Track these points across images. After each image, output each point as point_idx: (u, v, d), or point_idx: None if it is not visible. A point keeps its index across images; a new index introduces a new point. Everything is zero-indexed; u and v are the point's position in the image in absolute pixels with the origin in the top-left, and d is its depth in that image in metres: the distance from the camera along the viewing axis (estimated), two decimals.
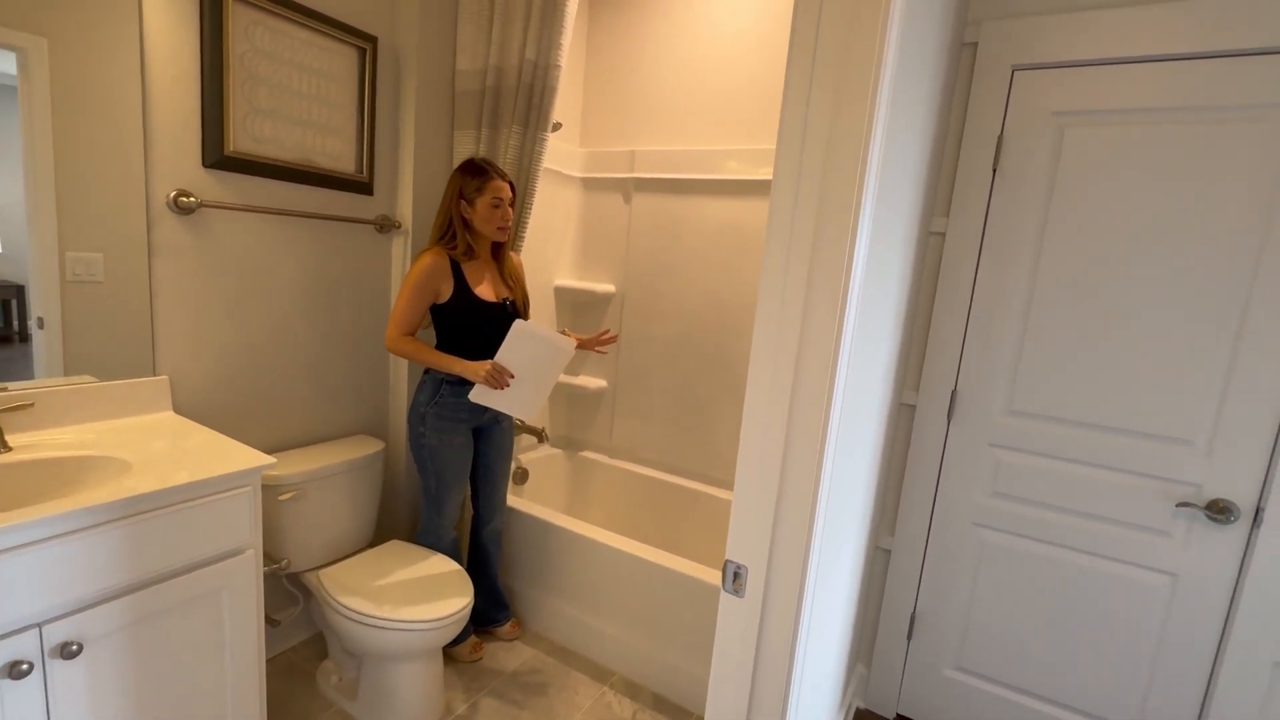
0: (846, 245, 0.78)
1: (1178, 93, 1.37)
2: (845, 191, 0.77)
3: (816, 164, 0.79)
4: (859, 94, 0.75)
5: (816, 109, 0.78)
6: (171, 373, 1.52)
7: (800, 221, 0.80)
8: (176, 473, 1.14)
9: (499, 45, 1.87)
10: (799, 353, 0.82)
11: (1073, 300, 1.52)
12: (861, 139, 0.76)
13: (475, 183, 1.67)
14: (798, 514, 0.85)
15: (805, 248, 0.80)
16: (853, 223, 0.78)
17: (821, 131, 0.78)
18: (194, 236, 1.52)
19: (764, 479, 0.86)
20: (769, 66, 2.16)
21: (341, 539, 1.80)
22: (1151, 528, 1.49)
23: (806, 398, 0.82)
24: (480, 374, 1.61)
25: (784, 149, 0.81)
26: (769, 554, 0.87)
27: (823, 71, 0.77)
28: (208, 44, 1.47)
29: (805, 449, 0.83)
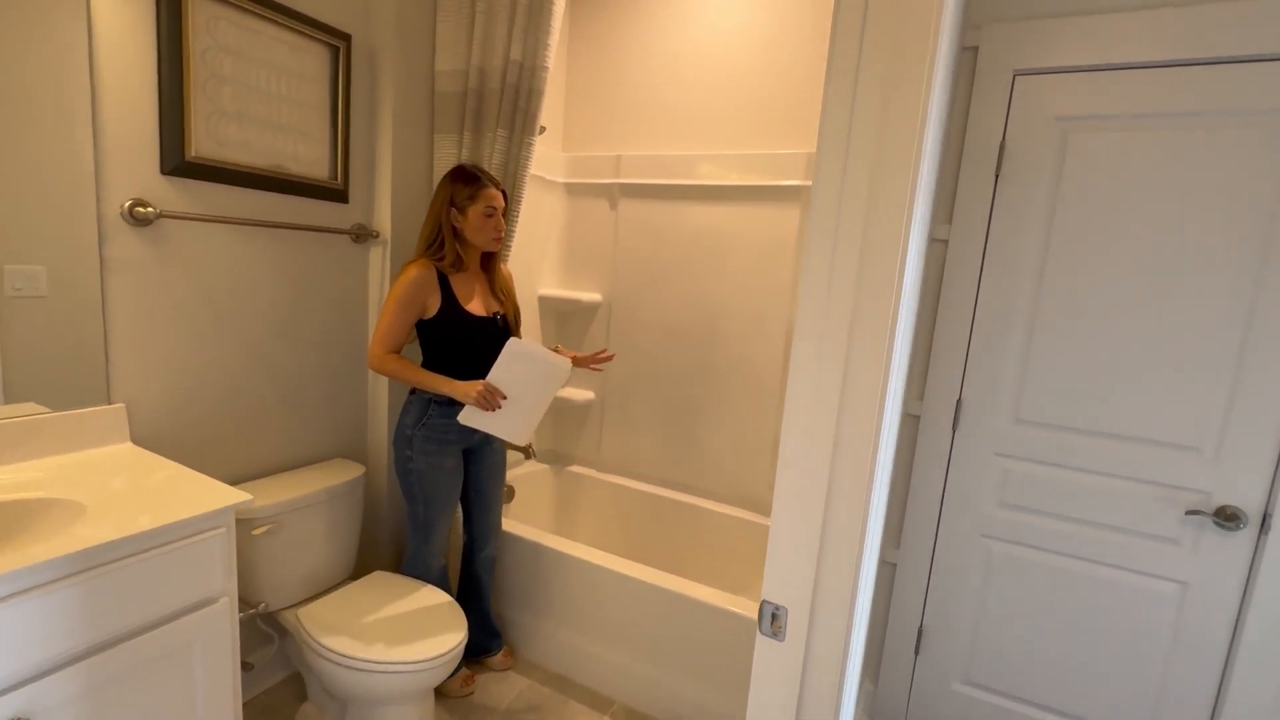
0: (898, 253, 0.72)
1: (1181, 98, 1.37)
2: (897, 192, 0.71)
3: (864, 165, 0.72)
4: (911, 87, 0.69)
5: (863, 104, 0.72)
6: (129, 399, 1.38)
7: (846, 229, 0.74)
8: (138, 517, 1.01)
9: (482, 45, 1.78)
10: (845, 372, 0.75)
11: (1078, 307, 1.50)
12: (914, 137, 0.70)
13: (467, 190, 1.58)
14: (844, 549, 0.78)
15: (851, 259, 0.74)
16: (904, 230, 0.72)
17: (869, 130, 0.72)
18: (152, 249, 1.39)
19: (806, 511, 0.80)
20: (760, 67, 2.11)
21: (321, 572, 1.67)
22: (1160, 536, 1.48)
23: (853, 421, 0.76)
24: (471, 395, 1.51)
25: (826, 150, 0.74)
26: (812, 594, 0.80)
27: (870, 66, 0.71)
28: (165, 39, 1.34)
29: (852, 477, 0.77)
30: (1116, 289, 1.46)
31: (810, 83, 2.04)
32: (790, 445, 0.80)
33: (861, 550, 0.78)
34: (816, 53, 2.02)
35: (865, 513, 0.77)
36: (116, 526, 0.98)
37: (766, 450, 2.22)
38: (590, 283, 2.49)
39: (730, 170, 2.17)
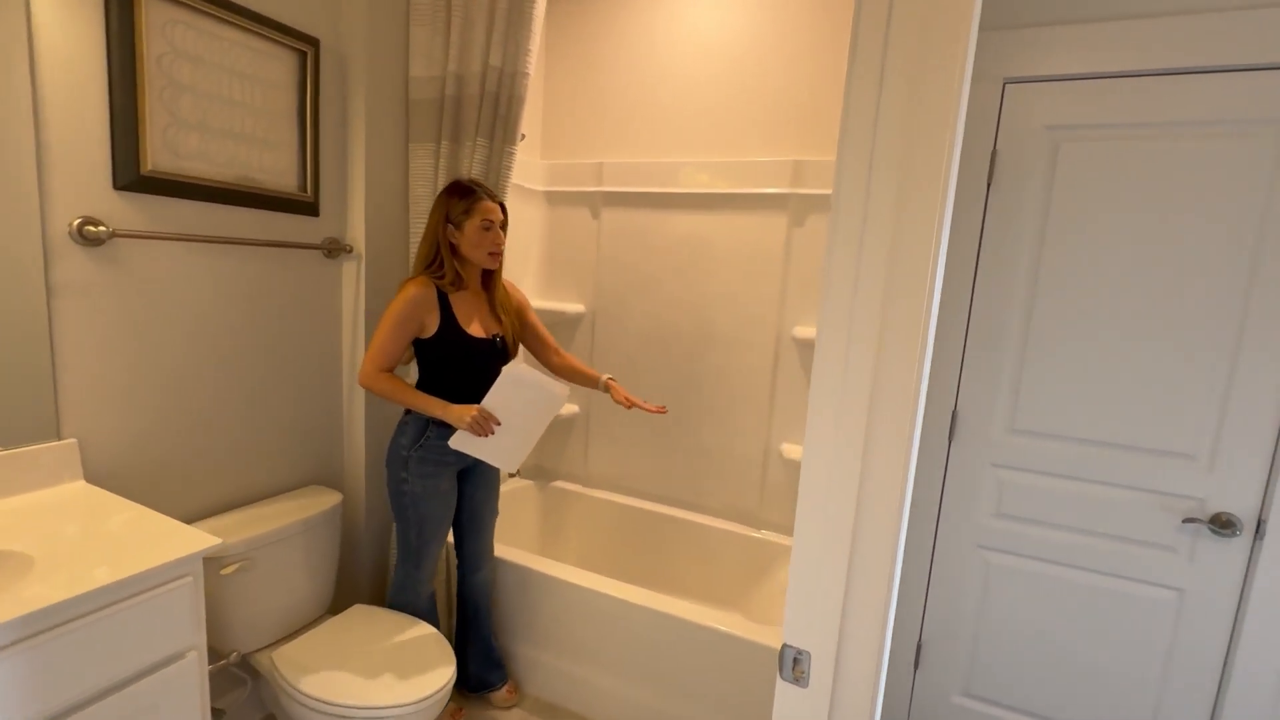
0: (929, 262, 0.68)
1: (1172, 107, 1.37)
2: (928, 198, 0.67)
3: (890, 173, 0.68)
4: (943, 82, 0.65)
5: (889, 104, 0.67)
6: (81, 434, 1.27)
7: (872, 238, 0.69)
8: (94, 569, 0.92)
9: (459, 50, 1.71)
10: (872, 397, 0.71)
11: (1072, 316, 1.49)
12: (946, 135, 0.66)
13: (462, 204, 1.51)
14: (873, 590, 0.74)
15: (878, 274, 0.69)
16: (935, 242, 0.68)
17: (894, 126, 0.67)
18: (105, 271, 1.28)
19: (831, 547, 0.75)
20: (744, 73, 2.08)
21: (297, 610, 1.58)
22: (1157, 543, 1.48)
23: (882, 450, 0.71)
24: (465, 420, 1.45)
25: (849, 156, 0.70)
26: (838, 637, 0.76)
27: (896, 59, 0.67)
28: (116, 44, 1.24)
29: (881, 511, 0.72)
30: (1109, 298, 1.46)
31: (795, 89, 2.01)
32: (812, 477, 0.76)
33: (891, 591, 0.73)
34: (802, 58, 1.99)
35: (895, 551, 0.72)
36: (69, 582, 0.88)
37: (757, 461, 2.18)
38: (573, 293, 2.43)
39: (715, 178, 2.13)
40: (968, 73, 0.67)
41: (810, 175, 1.99)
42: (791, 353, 2.10)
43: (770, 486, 2.18)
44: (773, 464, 2.16)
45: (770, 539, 2.14)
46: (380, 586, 1.95)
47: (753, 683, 1.59)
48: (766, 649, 1.55)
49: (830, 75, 1.97)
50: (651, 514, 2.32)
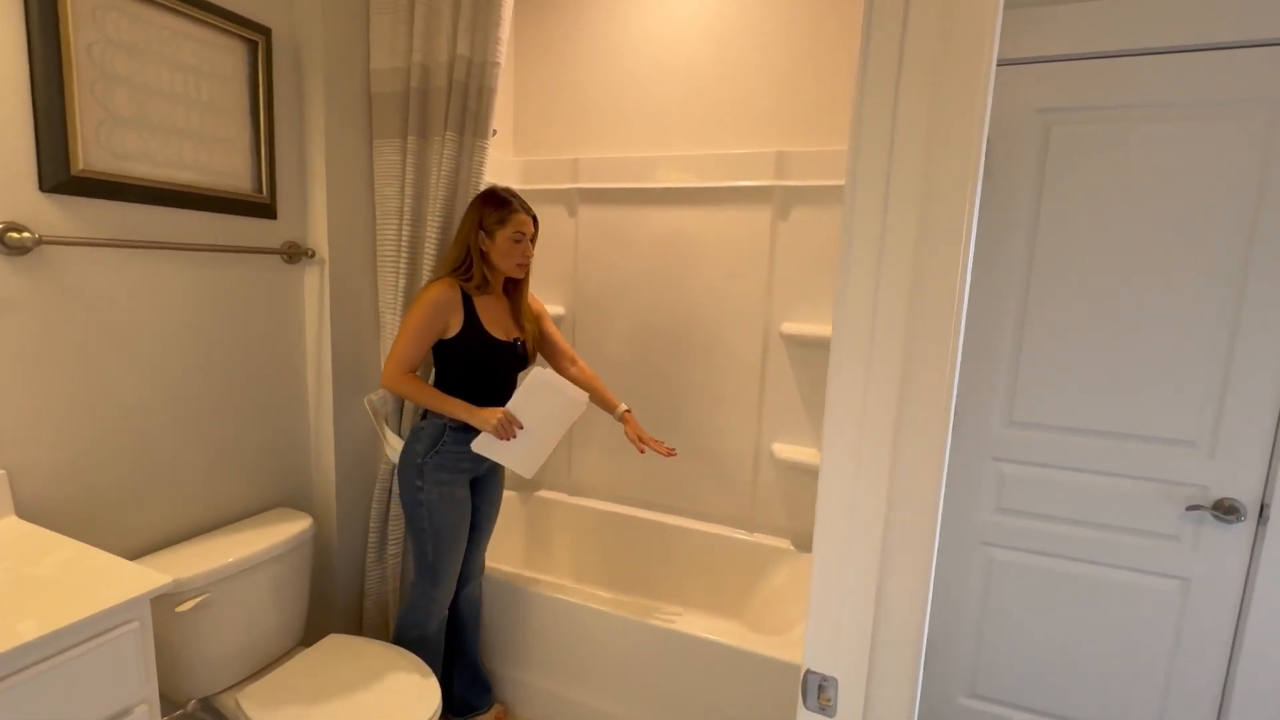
0: (960, 252, 0.61)
1: (1165, 87, 1.34)
2: (958, 185, 0.61)
3: (916, 162, 0.61)
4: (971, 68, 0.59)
5: (910, 85, 0.61)
6: (10, 465, 1.14)
7: (896, 228, 0.63)
8: (18, 622, 0.80)
9: (424, 39, 1.61)
10: (900, 393, 0.64)
11: (1068, 304, 1.46)
12: (975, 122, 0.60)
13: (496, 214, 1.49)
14: (907, 606, 0.67)
15: (903, 263, 0.63)
16: (966, 224, 0.61)
17: (919, 118, 0.61)
18: (33, 283, 1.15)
19: (858, 563, 0.68)
20: (724, 62, 2.01)
21: (264, 644, 1.46)
22: (1160, 533, 1.45)
23: (912, 455, 0.65)
24: (491, 422, 1.44)
25: (866, 145, 0.63)
26: (869, 661, 0.69)
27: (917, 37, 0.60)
28: (37, 32, 1.12)
29: (914, 520, 0.66)
30: (1105, 283, 1.43)
31: (776, 78, 1.96)
32: (833, 488, 0.69)
33: (926, 610, 0.66)
34: (783, 46, 1.94)
35: (929, 566, 0.66)
36: None
37: (747, 462, 2.12)
38: (551, 295, 2.33)
39: (695, 172, 2.06)
40: (995, 45, 0.61)
41: (794, 166, 1.94)
42: (780, 350, 2.04)
43: (762, 488, 2.12)
44: (764, 464, 2.10)
45: (764, 541, 2.08)
46: (356, 613, 1.83)
47: (757, 698, 1.52)
48: (771, 661, 1.48)
49: (813, 63, 1.91)
50: (640, 521, 2.24)
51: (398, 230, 1.69)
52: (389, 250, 1.70)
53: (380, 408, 1.72)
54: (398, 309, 1.69)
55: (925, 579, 0.66)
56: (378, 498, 1.77)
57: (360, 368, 1.76)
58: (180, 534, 1.43)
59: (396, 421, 1.73)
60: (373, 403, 1.73)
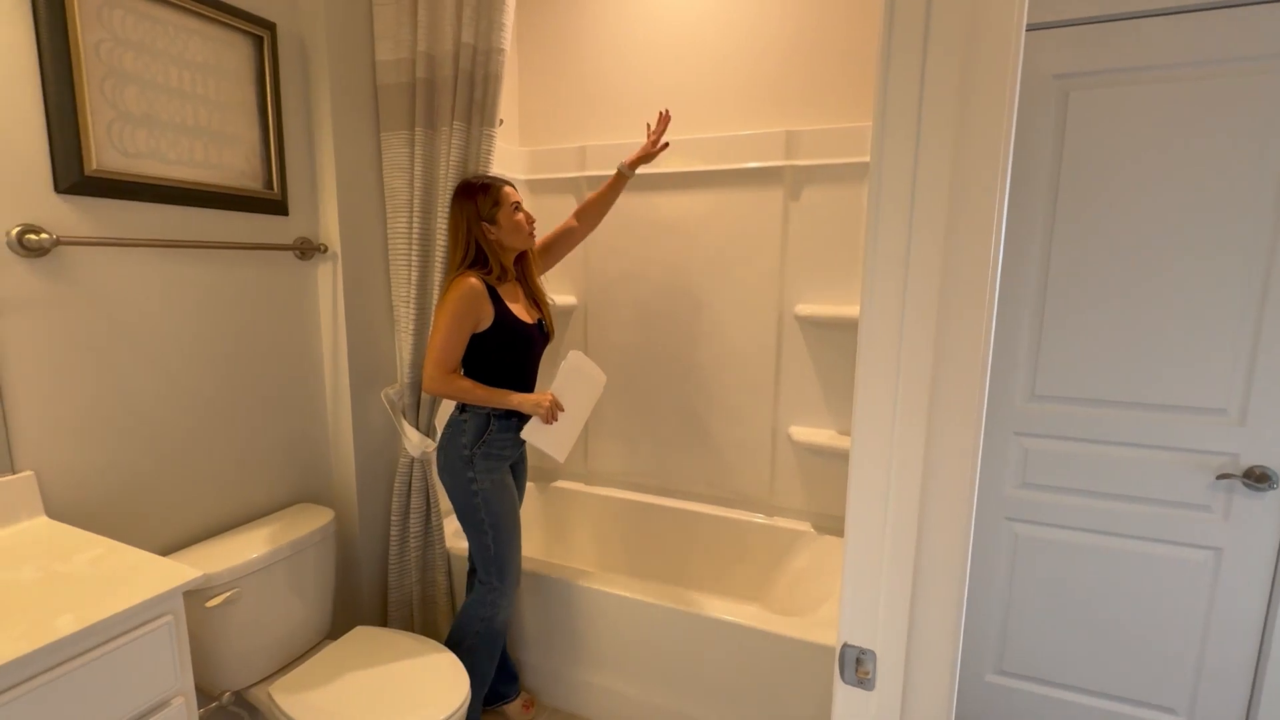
0: (994, 220, 0.60)
1: (1185, 46, 1.30)
2: (989, 156, 0.59)
3: (946, 134, 0.60)
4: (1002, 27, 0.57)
5: (937, 61, 0.59)
6: (38, 465, 1.15)
7: (925, 205, 0.62)
8: (57, 617, 0.81)
9: (428, 29, 1.59)
10: (934, 369, 0.63)
11: (1090, 274, 1.43)
12: (1005, 93, 0.58)
13: (488, 199, 1.50)
14: (945, 577, 0.66)
15: (935, 236, 0.62)
16: (998, 196, 0.60)
17: (947, 82, 0.59)
18: (52, 284, 1.16)
19: (894, 535, 0.67)
20: (730, 43, 1.98)
21: (293, 638, 1.47)
22: (1190, 503, 1.43)
23: (948, 427, 0.64)
24: (544, 406, 1.46)
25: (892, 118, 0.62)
26: (907, 633, 0.68)
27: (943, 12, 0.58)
28: (46, 32, 1.11)
29: (950, 492, 0.65)
30: (1127, 251, 1.40)
31: (783, 57, 1.93)
32: (867, 463, 0.68)
33: (964, 580, 0.65)
34: (788, 25, 1.91)
35: (967, 536, 0.65)
36: (27, 635, 0.78)
37: (765, 446, 2.11)
38: (562, 284, 2.33)
39: (704, 155, 2.04)
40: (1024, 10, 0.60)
41: (805, 145, 1.91)
42: (794, 331, 2.02)
43: (780, 471, 2.11)
44: (781, 448, 2.09)
45: (784, 525, 2.07)
46: (381, 605, 1.85)
47: (783, 679, 1.51)
48: (797, 643, 1.48)
49: (819, 40, 1.88)
50: (659, 508, 2.24)
51: (408, 222, 1.68)
52: (400, 243, 1.69)
53: (397, 401, 1.73)
54: (411, 301, 1.68)
55: (963, 550, 0.65)
56: (398, 490, 1.77)
57: (376, 361, 1.76)
58: (205, 531, 1.44)
59: (414, 415, 1.73)
60: (390, 396, 1.73)
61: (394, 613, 1.80)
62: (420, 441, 1.71)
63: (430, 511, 1.80)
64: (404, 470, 1.76)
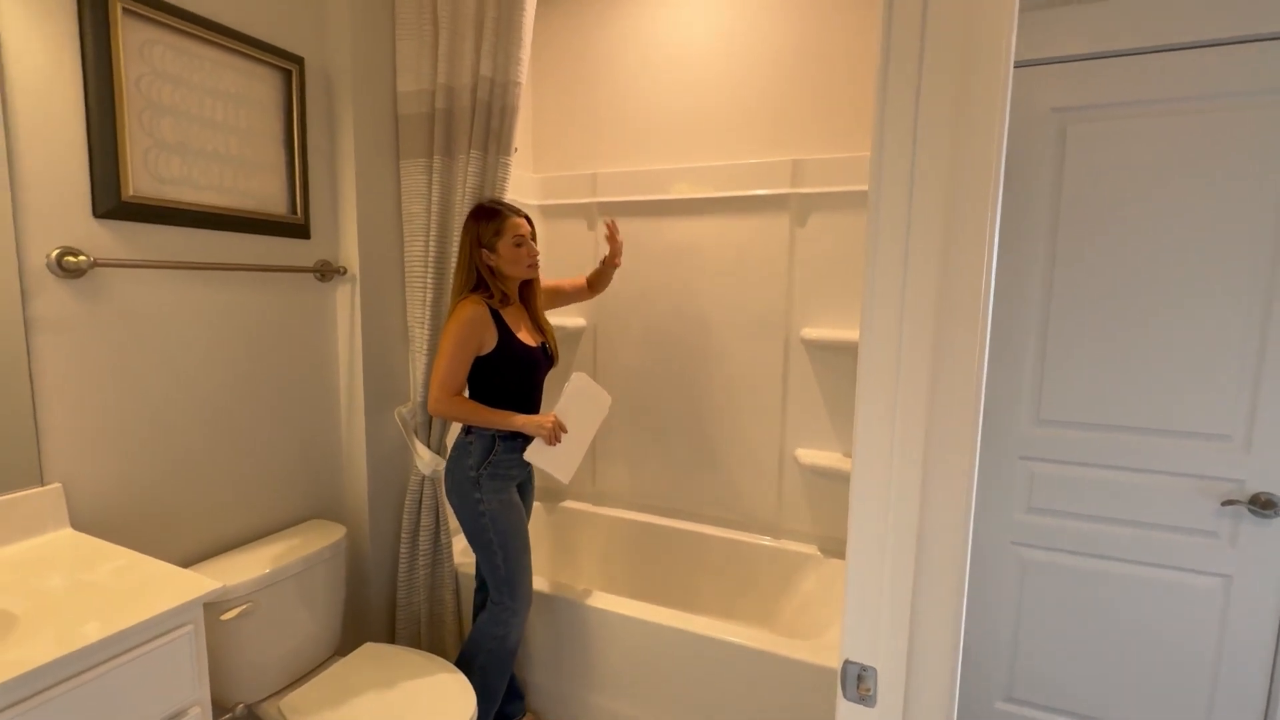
0: (985, 249, 0.63)
1: (1183, 81, 1.34)
2: (979, 186, 0.63)
3: (940, 161, 0.64)
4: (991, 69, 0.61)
5: (931, 91, 0.63)
6: (66, 478, 1.19)
7: (920, 233, 0.65)
8: (83, 624, 0.84)
9: (448, 62, 1.67)
10: (930, 392, 0.66)
11: (1092, 300, 1.46)
12: (996, 117, 0.62)
13: (491, 226, 1.53)
14: (943, 594, 0.68)
15: (929, 261, 0.65)
16: (989, 225, 0.63)
17: (939, 115, 0.63)
18: (87, 304, 1.21)
19: (894, 553, 0.69)
20: (736, 76, 2.05)
21: (304, 653, 1.49)
22: (1197, 529, 1.43)
23: (944, 444, 0.66)
24: (546, 428, 1.48)
25: (889, 147, 0.66)
26: (908, 649, 0.69)
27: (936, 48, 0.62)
28: (92, 67, 1.19)
29: (947, 510, 0.67)
30: (1129, 279, 1.42)
31: (789, 88, 1.99)
32: (867, 481, 0.70)
33: (963, 596, 0.67)
34: (793, 57, 1.97)
35: (964, 552, 0.67)
36: (58, 640, 0.81)
37: (772, 468, 2.12)
38: (573, 307, 2.37)
39: (712, 182, 2.09)
40: (1012, 48, 0.64)
41: (810, 174, 1.96)
42: (801, 355, 2.05)
43: (787, 494, 2.12)
44: (788, 470, 2.10)
45: (791, 548, 2.07)
46: (389, 622, 1.86)
47: (790, 703, 1.51)
48: (804, 666, 1.48)
49: (824, 72, 1.94)
50: (665, 529, 2.25)
51: (425, 246, 1.74)
52: (416, 266, 1.75)
53: (410, 420, 1.76)
54: (425, 322, 1.73)
55: (961, 569, 0.67)
56: (408, 509, 1.80)
57: (390, 380, 1.80)
58: (222, 545, 1.47)
59: (426, 434, 1.77)
60: (403, 415, 1.77)
61: (402, 630, 1.81)
62: (431, 460, 1.74)
63: (439, 530, 1.82)
64: (414, 488, 1.79)
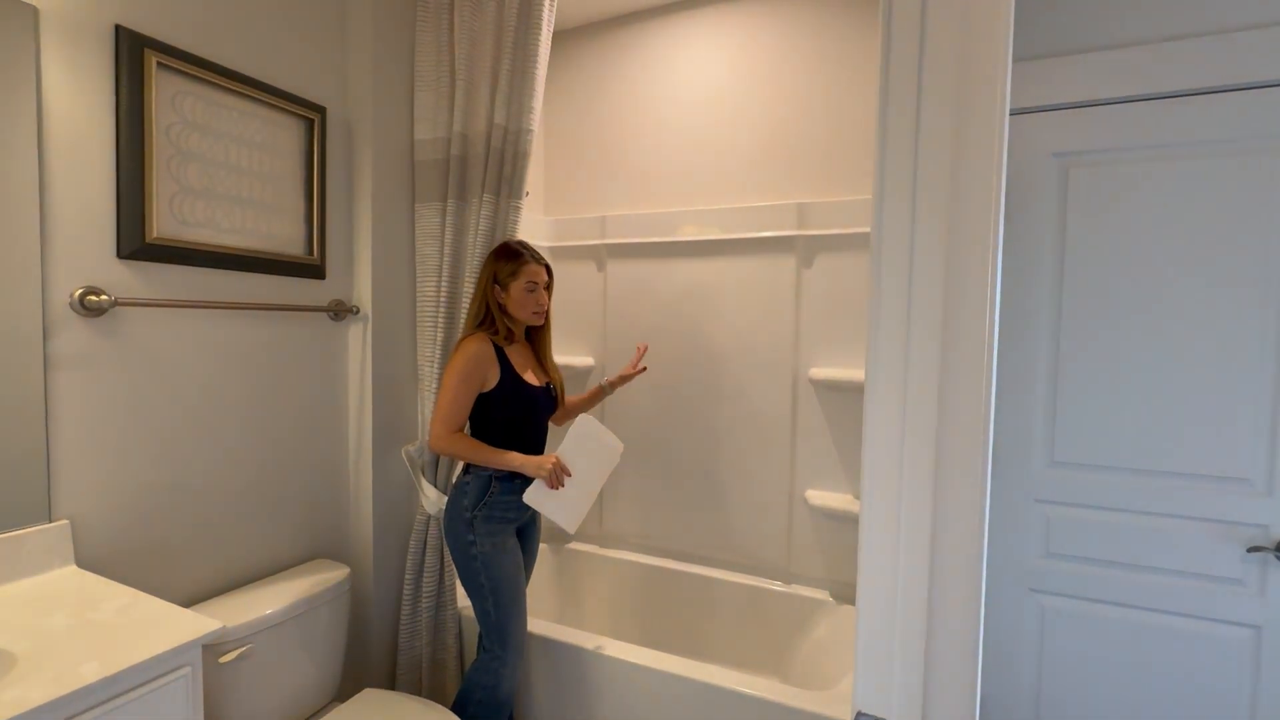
0: (987, 292, 0.63)
1: (1181, 128, 1.37)
2: (979, 228, 0.64)
3: (939, 206, 0.65)
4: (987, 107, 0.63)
5: (930, 135, 0.65)
6: (74, 515, 1.19)
7: (922, 276, 0.66)
8: (82, 665, 0.83)
9: (464, 111, 1.73)
10: (938, 433, 0.65)
11: (1103, 342, 1.45)
12: (993, 160, 0.63)
13: (509, 266, 1.56)
14: (958, 636, 0.66)
15: (933, 304, 0.65)
16: (990, 264, 0.64)
17: (938, 158, 0.65)
18: (106, 342, 1.24)
19: (905, 595, 0.67)
20: (743, 121, 2.11)
21: (302, 697, 1.45)
22: (1223, 577, 1.38)
23: (954, 488, 0.65)
24: (545, 469, 1.45)
25: (890, 187, 0.67)
26: (922, 699, 0.67)
27: (933, 92, 0.65)
28: (125, 117, 1.24)
29: (959, 555, 0.66)
30: (1143, 320, 1.42)
31: (794, 134, 2.04)
32: (875, 528, 0.69)
33: (978, 644, 0.65)
34: (799, 103, 2.03)
35: (978, 599, 0.65)
36: (54, 681, 0.79)
37: (781, 511, 2.09)
38: (581, 346, 2.39)
39: (719, 225, 2.13)
40: (1007, 93, 0.66)
41: (815, 217, 2.00)
42: (810, 395, 2.04)
43: (798, 536, 2.08)
44: (798, 512, 2.07)
45: (802, 593, 2.02)
46: (390, 667, 1.82)
47: None
48: (819, 718, 1.42)
49: (828, 118, 2.00)
50: (673, 573, 2.20)
51: (436, 287, 1.77)
52: (428, 306, 1.77)
53: (417, 459, 1.76)
54: (435, 361, 1.75)
55: (974, 611, 0.65)
56: (413, 549, 1.78)
57: (399, 419, 1.81)
58: (224, 584, 1.45)
59: (433, 473, 1.76)
60: (410, 454, 1.77)
61: (402, 675, 1.77)
62: (437, 499, 1.73)
63: (443, 571, 1.79)
64: (419, 528, 1.78)
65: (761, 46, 2.07)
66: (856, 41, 1.96)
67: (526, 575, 1.70)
